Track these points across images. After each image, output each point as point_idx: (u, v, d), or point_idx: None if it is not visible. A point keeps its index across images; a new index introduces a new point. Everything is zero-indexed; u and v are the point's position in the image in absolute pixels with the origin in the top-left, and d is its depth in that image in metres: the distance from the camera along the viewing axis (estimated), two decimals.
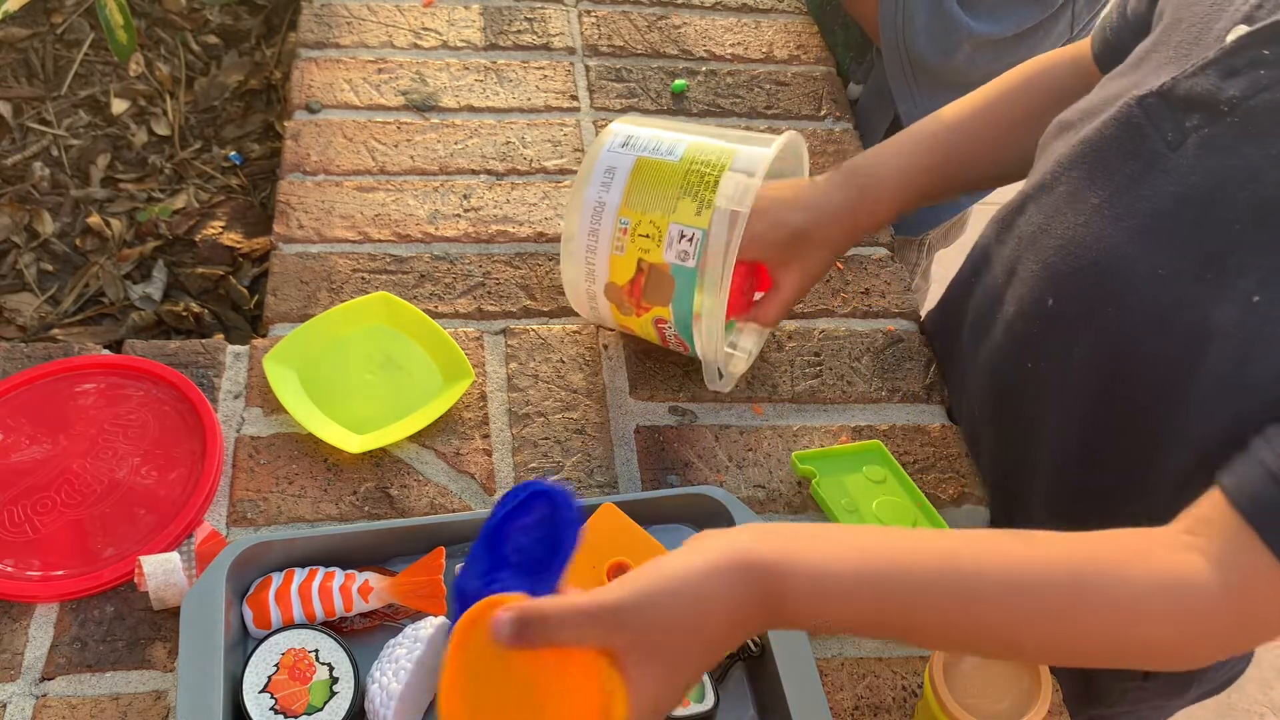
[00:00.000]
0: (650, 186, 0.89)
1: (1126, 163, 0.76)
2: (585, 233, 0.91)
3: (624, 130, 0.94)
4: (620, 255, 0.90)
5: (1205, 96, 0.72)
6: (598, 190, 0.90)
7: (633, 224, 0.89)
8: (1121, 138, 0.77)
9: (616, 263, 0.91)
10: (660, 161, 0.90)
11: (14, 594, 0.80)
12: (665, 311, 0.91)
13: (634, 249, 0.90)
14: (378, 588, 0.78)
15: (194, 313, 1.13)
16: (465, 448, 0.93)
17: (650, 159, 0.90)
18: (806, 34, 1.38)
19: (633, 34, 1.34)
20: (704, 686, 0.75)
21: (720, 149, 0.90)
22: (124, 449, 0.89)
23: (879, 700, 0.82)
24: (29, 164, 1.24)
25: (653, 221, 0.89)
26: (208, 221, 1.21)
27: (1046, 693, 0.72)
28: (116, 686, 0.77)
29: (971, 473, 0.97)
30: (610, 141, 0.92)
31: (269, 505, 0.87)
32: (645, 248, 0.89)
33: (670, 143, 0.91)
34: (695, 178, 0.88)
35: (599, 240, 0.91)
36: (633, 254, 0.90)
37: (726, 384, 0.94)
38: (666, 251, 0.88)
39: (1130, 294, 0.74)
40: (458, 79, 1.25)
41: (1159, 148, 0.74)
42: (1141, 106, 0.75)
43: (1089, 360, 0.79)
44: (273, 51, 1.40)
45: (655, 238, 0.88)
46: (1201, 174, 0.71)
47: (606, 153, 0.92)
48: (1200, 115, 0.72)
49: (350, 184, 1.12)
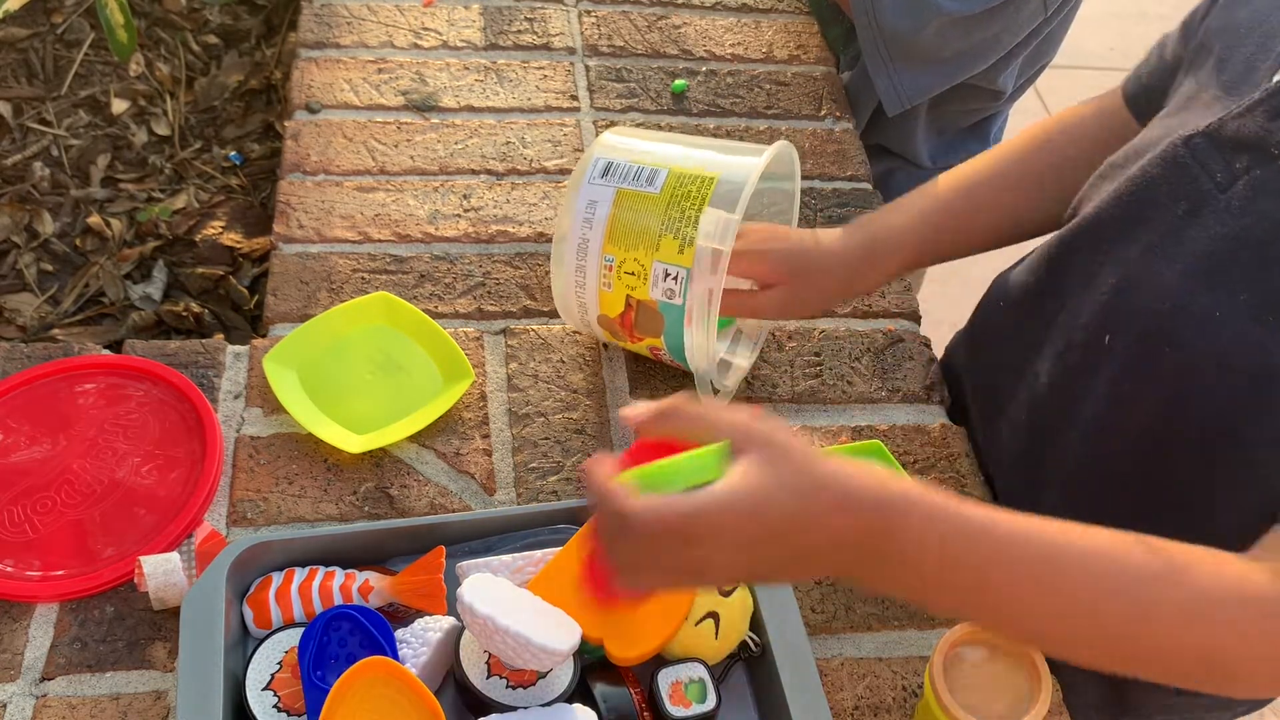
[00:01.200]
0: (632, 222, 0.87)
1: (1176, 203, 0.75)
2: (572, 269, 0.90)
3: (604, 157, 0.91)
4: (609, 291, 0.90)
5: (1254, 138, 0.71)
6: (580, 227, 0.89)
7: (618, 261, 0.88)
8: (1170, 177, 0.76)
9: (605, 297, 0.90)
10: (640, 194, 0.88)
11: (14, 594, 0.80)
12: (658, 342, 0.92)
13: (621, 286, 0.89)
14: (378, 587, 0.78)
15: (194, 313, 1.13)
16: (465, 448, 0.93)
17: (630, 191, 0.88)
18: (806, 34, 1.38)
19: (633, 34, 1.34)
20: (705, 687, 0.75)
21: (701, 176, 0.87)
22: (124, 449, 0.89)
23: (879, 700, 0.82)
24: (29, 164, 1.24)
25: (637, 259, 0.87)
26: (208, 221, 1.21)
27: (1046, 693, 0.72)
28: (116, 686, 0.77)
29: (971, 472, 0.96)
30: (590, 172, 0.90)
31: (269, 505, 0.87)
32: (632, 285, 0.88)
33: (651, 170, 0.88)
34: (676, 213, 0.86)
35: (586, 276, 0.90)
36: (620, 290, 0.89)
37: (723, 398, 0.95)
38: (653, 289, 0.88)
39: (1186, 332, 0.74)
40: (458, 79, 1.25)
41: (1208, 188, 0.73)
42: (1188, 146, 0.75)
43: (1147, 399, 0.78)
44: (273, 51, 1.40)
45: (641, 275, 0.87)
46: (1254, 216, 0.71)
47: (587, 185, 0.89)
48: (1249, 156, 0.72)
49: (350, 184, 1.12)
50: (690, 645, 0.77)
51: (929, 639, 0.86)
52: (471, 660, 0.74)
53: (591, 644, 0.76)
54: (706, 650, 0.77)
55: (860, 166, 1.23)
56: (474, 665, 0.74)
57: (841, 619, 0.86)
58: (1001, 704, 0.73)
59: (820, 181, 1.21)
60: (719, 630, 0.78)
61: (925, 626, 0.86)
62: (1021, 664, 0.74)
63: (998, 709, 0.72)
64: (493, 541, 0.82)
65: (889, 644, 0.85)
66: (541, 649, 0.69)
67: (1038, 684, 0.73)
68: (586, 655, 0.76)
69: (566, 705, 0.72)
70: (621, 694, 0.74)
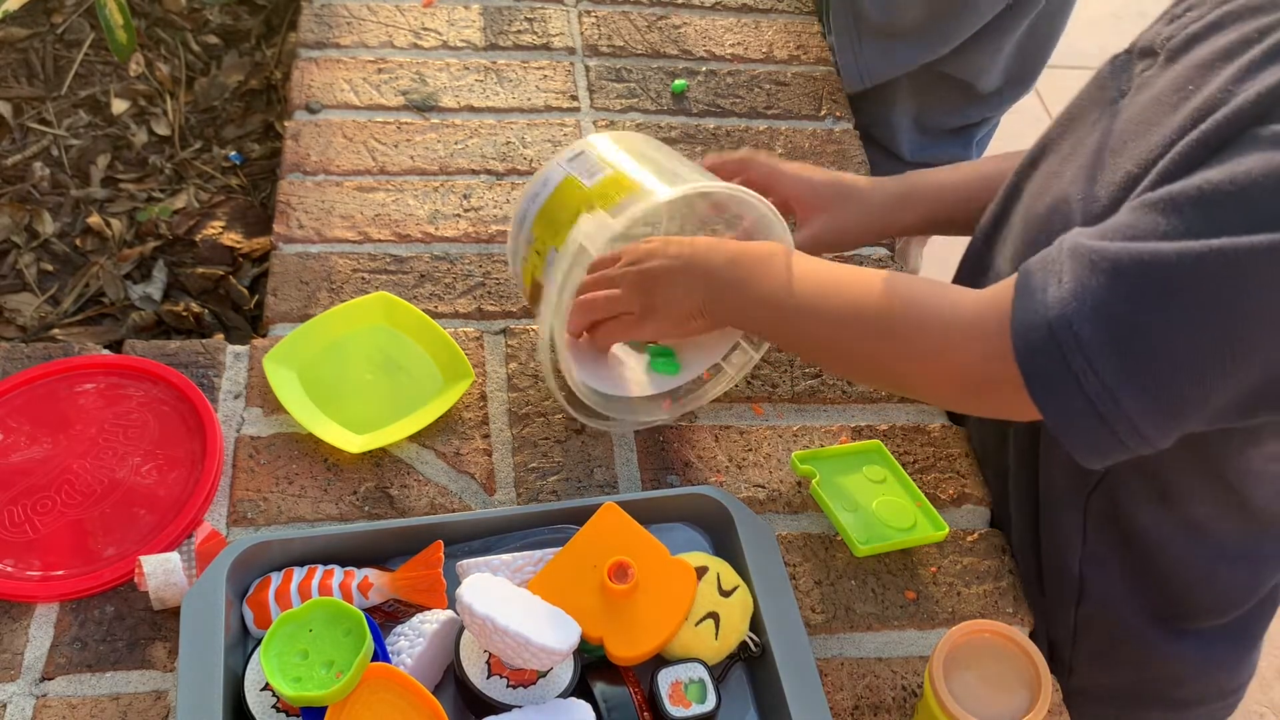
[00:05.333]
0: (558, 208, 0.89)
1: (1091, 113, 0.82)
2: (512, 235, 0.92)
3: (582, 147, 0.91)
4: (524, 264, 0.92)
5: (1150, 44, 0.79)
6: (528, 201, 0.91)
7: (535, 238, 0.90)
8: (1093, 92, 0.84)
9: (523, 270, 0.92)
10: (577, 185, 0.88)
11: (14, 594, 0.80)
12: None
13: (530, 265, 0.91)
14: (377, 584, 0.78)
15: (194, 313, 1.13)
16: (465, 448, 0.93)
17: (573, 178, 0.89)
18: (806, 34, 1.38)
19: (633, 34, 1.34)
20: (705, 687, 0.75)
21: (628, 186, 0.86)
22: (124, 449, 0.89)
23: (879, 700, 0.82)
24: (29, 164, 1.24)
25: (545, 242, 0.89)
26: (208, 221, 1.21)
27: (1046, 693, 0.72)
28: (116, 686, 0.77)
29: (972, 472, 0.96)
30: (567, 152, 0.91)
31: (269, 505, 0.87)
32: (536, 265, 0.90)
33: (599, 166, 0.89)
34: (587, 209, 0.86)
35: (518, 244, 0.92)
36: (529, 269, 0.91)
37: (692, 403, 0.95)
38: (544, 272, 0.89)
39: (1058, 223, 0.78)
40: (458, 79, 1.24)
41: (1114, 95, 0.80)
42: (1112, 63, 0.83)
43: None
44: (273, 51, 1.40)
45: (544, 257, 0.89)
46: (1132, 109, 0.77)
47: (555, 163, 0.91)
48: (1146, 61, 0.79)
49: (350, 184, 1.12)
50: (690, 645, 0.77)
51: (929, 639, 0.86)
52: (471, 660, 0.74)
53: (591, 644, 0.76)
54: (706, 650, 0.77)
55: (860, 166, 1.23)
56: (474, 665, 0.74)
57: (841, 619, 0.86)
58: (1001, 704, 0.73)
59: None
60: (719, 630, 0.78)
61: (925, 626, 0.86)
62: (1021, 664, 0.74)
63: (998, 709, 0.72)
64: (493, 541, 0.82)
65: (889, 644, 0.85)
66: (541, 649, 0.69)
67: (1038, 684, 0.73)
68: (586, 655, 0.76)
69: (565, 701, 0.72)
70: (621, 694, 0.74)
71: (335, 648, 0.70)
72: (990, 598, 0.88)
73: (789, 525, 0.91)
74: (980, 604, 0.88)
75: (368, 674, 0.69)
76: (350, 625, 0.70)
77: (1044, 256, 0.70)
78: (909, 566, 0.89)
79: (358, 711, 0.68)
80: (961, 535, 0.92)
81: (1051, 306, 0.66)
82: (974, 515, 0.94)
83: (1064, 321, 0.66)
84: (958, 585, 0.89)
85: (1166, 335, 0.64)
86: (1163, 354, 0.64)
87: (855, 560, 0.89)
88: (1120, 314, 0.65)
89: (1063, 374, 0.66)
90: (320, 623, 0.71)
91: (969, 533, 0.92)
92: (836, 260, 0.87)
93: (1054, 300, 0.67)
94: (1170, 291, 0.64)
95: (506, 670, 0.73)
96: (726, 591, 0.80)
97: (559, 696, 0.73)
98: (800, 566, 0.88)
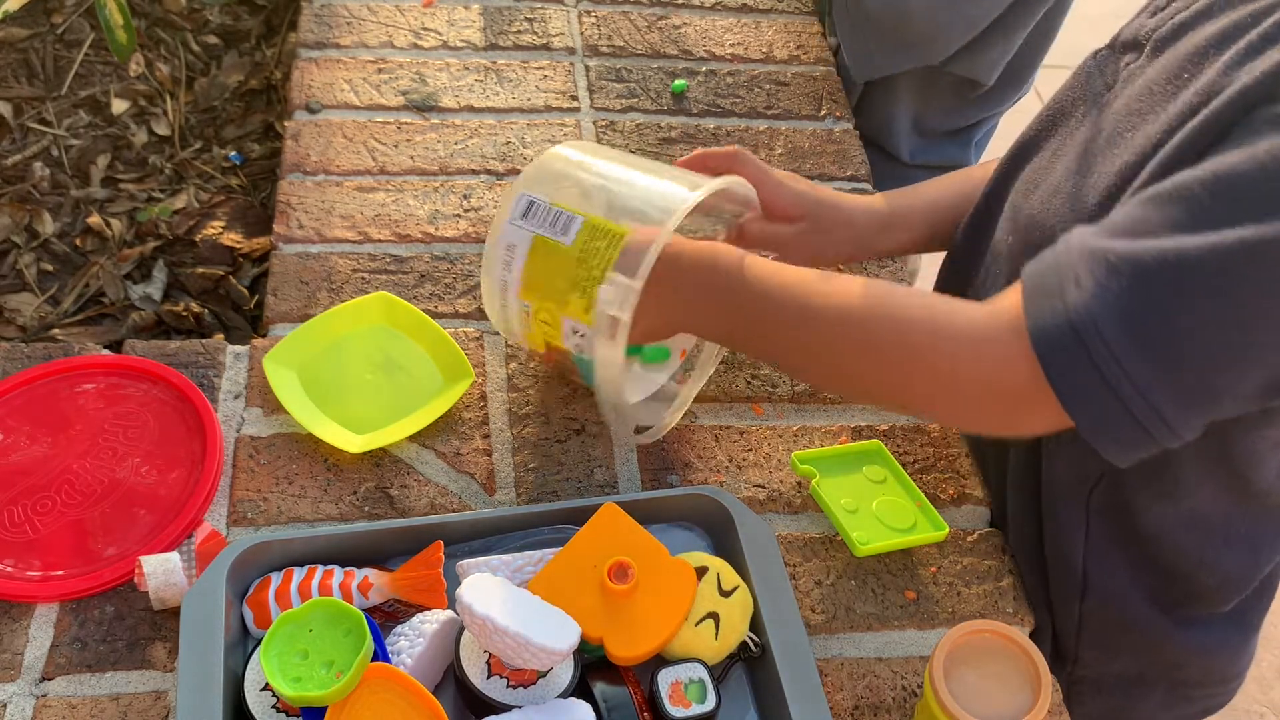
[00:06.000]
0: (544, 273, 0.86)
1: (1077, 108, 0.83)
2: (498, 306, 0.90)
3: (528, 194, 0.88)
4: (530, 332, 0.90)
5: (1134, 37, 0.79)
6: (501, 269, 0.87)
7: (533, 308, 0.87)
8: (1077, 87, 0.84)
9: (529, 335, 0.90)
10: (554, 244, 0.85)
11: (14, 594, 0.80)
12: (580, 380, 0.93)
13: (538, 331, 0.88)
14: (377, 584, 0.78)
15: (194, 313, 1.13)
16: (465, 448, 0.93)
17: (545, 239, 0.85)
18: (806, 34, 1.38)
19: (633, 34, 1.34)
20: (705, 687, 0.75)
21: (613, 232, 0.83)
22: (124, 449, 0.89)
23: (879, 700, 0.82)
24: (29, 164, 1.24)
25: (549, 311, 0.86)
26: (208, 221, 1.21)
27: (1046, 693, 0.72)
28: (116, 686, 0.77)
29: (971, 472, 0.96)
30: (513, 211, 0.87)
31: (269, 505, 0.87)
32: (548, 333, 0.88)
33: (567, 218, 0.85)
34: (584, 271, 0.84)
35: (510, 314, 0.89)
36: (538, 334, 0.89)
37: (654, 434, 0.94)
38: (565, 340, 0.87)
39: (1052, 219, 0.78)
40: (458, 79, 1.25)
41: (1099, 89, 0.80)
42: (1095, 58, 0.83)
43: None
44: (273, 51, 1.40)
45: (554, 325, 0.87)
46: (1122, 100, 0.77)
47: (509, 225, 0.87)
48: (1132, 54, 0.79)
49: (350, 184, 1.12)
50: (690, 645, 0.77)
51: (929, 639, 0.86)
52: (471, 660, 0.74)
53: (591, 644, 0.76)
54: (706, 650, 0.77)
55: (860, 166, 1.23)
56: (474, 665, 0.74)
57: (841, 619, 0.86)
58: (1001, 704, 0.73)
59: (820, 182, 1.21)
60: (719, 630, 0.78)
61: (925, 626, 0.86)
62: (1021, 664, 0.74)
63: (997, 709, 0.72)
64: (493, 541, 0.82)
65: (889, 644, 0.85)
66: (541, 649, 0.69)
67: (1038, 684, 0.73)
68: (586, 655, 0.76)
69: (565, 702, 0.72)
70: (621, 694, 0.74)
71: (335, 648, 0.70)
72: (990, 598, 0.88)
73: (789, 525, 0.91)
74: (980, 604, 0.88)
75: (368, 674, 0.69)
76: (350, 625, 0.70)
77: (1053, 260, 0.68)
78: (909, 566, 0.89)
79: (358, 711, 0.68)
80: (961, 535, 0.92)
81: (1074, 312, 0.65)
82: (974, 515, 0.94)
83: (1089, 327, 0.64)
84: (958, 585, 0.89)
85: (1196, 332, 0.63)
86: (1194, 351, 0.64)
87: (855, 560, 0.89)
88: (1147, 315, 0.64)
89: (1094, 380, 0.65)
90: (320, 623, 0.71)
91: (969, 533, 0.92)
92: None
93: (1075, 305, 0.65)
94: (1196, 288, 0.63)
95: (506, 670, 0.73)
96: (726, 591, 0.80)
97: (559, 696, 0.73)
98: (800, 566, 0.88)
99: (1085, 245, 0.67)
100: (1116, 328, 0.64)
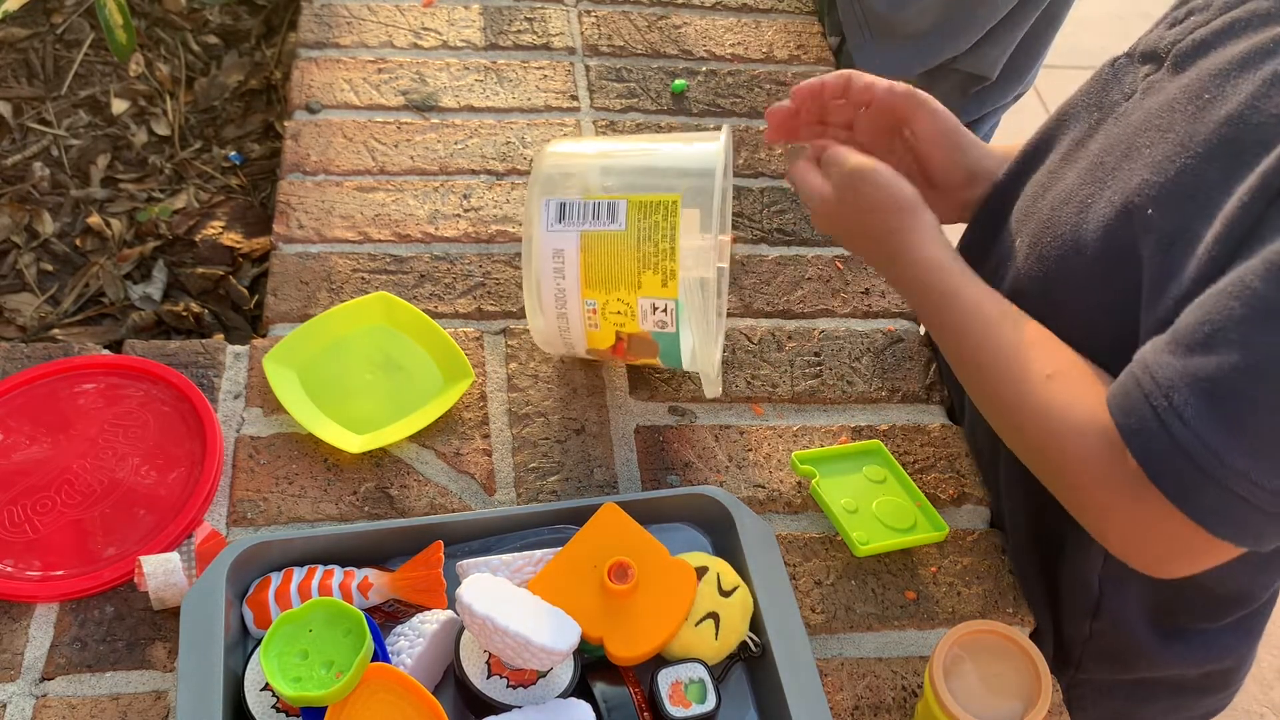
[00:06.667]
0: (607, 264, 0.86)
1: (1090, 114, 0.83)
2: (554, 317, 0.89)
3: (554, 198, 0.87)
4: (596, 330, 0.89)
5: (1153, 48, 0.78)
6: (553, 278, 0.87)
7: (600, 304, 0.87)
8: (1091, 92, 0.84)
9: (594, 334, 0.90)
10: (606, 234, 0.85)
11: (14, 594, 0.80)
12: (654, 362, 0.92)
13: (609, 325, 0.88)
14: (377, 584, 0.78)
15: (194, 313, 1.13)
16: (465, 448, 0.93)
17: (595, 232, 0.85)
18: (806, 34, 1.38)
19: (633, 34, 1.34)
20: (705, 687, 0.75)
21: (662, 202, 0.84)
22: (124, 449, 0.89)
23: (879, 700, 0.82)
24: (29, 164, 1.24)
25: (620, 299, 0.86)
26: (208, 221, 1.21)
27: (1047, 693, 0.72)
28: (116, 686, 0.77)
29: (971, 472, 0.96)
30: (545, 218, 0.87)
31: (269, 505, 0.87)
32: (620, 322, 0.88)
33: (610, 204, 0.85)
34: (650, 247, 0.85)
35: (569, 322, 0.89)
36: (609, 328, 0.88)
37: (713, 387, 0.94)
38: (643, 323, 0.87)
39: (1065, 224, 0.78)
40: (458, 79, 1.25)
41: (1116, 98, 0.80)
42: (1113, 66, 0.83)
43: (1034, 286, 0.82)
44: (273, 51, 1.40)
45: (628, 313, 0.87)
46: (1140, 113, 0.76)
47: (546, 233, 0.86)
48: (1151, 65, 0.79)
49: (350, 184, 1.12)
50: (690, 645, 0.77)
51: (929, 639, 0.86)
52: (471, 660, 0.74)
53: (591, 644, 0.76)
54: (706, 650, 0.77)
55: None
56: (474, 665, 0.74)
57: (841, 619, 0.86)
58: (1001, 704, 0.73)
59: None
60: (719, 630, 0.78)
61: (925, 626, 0.86)
62: (1021, 664, 0.74)
63: (998, 709, 0.72)
64: (492, 541, 0.82)
65: (889, 644, 0.85)
66: (541, 649, 0.69)
67: (1038, 684, 0.73)
68: (586, 655, 0.76)
69: (565, 702, 0.72)
70: (621, 694, 0.74)
71: (335, 648, 0.70)
72: (990, 598, 0.88)
73: (789, 525, 0.91)
74: (980, 604, 0.88)
75: (368, 674, 0.69)
76: (350, 625, 0.70)
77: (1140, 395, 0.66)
78: (909, 566, 0.89)
79: (358, 711, 0.68)
80: (961, 535, 0.92)
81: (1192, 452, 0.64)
82: (974, 515, 0.94)
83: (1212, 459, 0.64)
84: (958, 585, 0.89)
85: None
86: None
87: (855, 560, 0.89)
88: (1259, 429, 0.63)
89: (1228, 499, 0.64)
90: (320, 623, 0.71)
91: (969, 533, 0.92)
92: None
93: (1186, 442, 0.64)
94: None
95: (506, 670, 0.73)
96: (726, 591, 0.80)
97: (559, 696, 0.73)
98: (800, 566, 0.88)
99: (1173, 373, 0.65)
100: (1239, 454, 0.63)
